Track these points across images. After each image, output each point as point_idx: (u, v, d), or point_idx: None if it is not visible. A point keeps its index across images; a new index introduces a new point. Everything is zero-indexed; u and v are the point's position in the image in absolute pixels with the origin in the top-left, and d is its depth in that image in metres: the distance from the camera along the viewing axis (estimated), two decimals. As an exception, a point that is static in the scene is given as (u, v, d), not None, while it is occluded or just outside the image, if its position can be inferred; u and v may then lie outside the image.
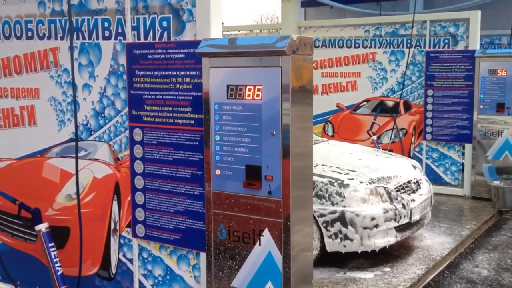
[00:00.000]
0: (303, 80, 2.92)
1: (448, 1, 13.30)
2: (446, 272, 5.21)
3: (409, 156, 7.99)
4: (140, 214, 3.64)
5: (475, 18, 7.35)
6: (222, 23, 3.43)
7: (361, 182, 5.03)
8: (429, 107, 7.84)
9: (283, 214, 2.95)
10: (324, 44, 8.62)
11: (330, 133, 8.69)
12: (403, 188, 5.34)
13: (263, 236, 3.03)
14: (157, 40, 3.44)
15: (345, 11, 14.45)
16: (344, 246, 4.88)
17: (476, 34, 7.40)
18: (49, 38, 3.94)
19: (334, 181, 4.98)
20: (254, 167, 3.00)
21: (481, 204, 7.33)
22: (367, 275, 4.91)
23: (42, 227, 3.86)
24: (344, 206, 4.86)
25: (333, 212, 4.86)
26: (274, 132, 2.90)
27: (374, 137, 8.09)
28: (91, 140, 3.86)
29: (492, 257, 5.57)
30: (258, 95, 2.94)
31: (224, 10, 3.35)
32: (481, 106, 7.37)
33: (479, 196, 7.53)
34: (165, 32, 3.41)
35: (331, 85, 8.70)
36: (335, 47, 8.56)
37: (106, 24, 3.67)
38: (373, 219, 4.85)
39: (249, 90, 2.96)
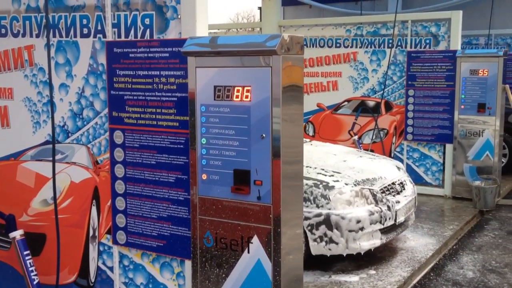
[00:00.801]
0: (294, 81, 2.81)
1: (426, 2, 13.36)
2: (432, 274, 5.16)
3: (390, 156, 7.96)
4: (121, 220, 3.48)
5: (457, 18, 7.34)
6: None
7: (346, 184, 4.95)
8: (410, 107, 7.81)
9: (273, 220, 2.83)
10: (305, 43, 8.49)
11: (311, 133, 8.61)
12: (387, 190, 5.27)
13: (252, 243, 2.91)
14: (139, 38, 3.28)
15: (324, 11, 14.42)
16: (329, 249, 4.79)
17: (457, 34, 7.39)
18: (23, 35, 3.74)
19: (319, 183, 4.89)
20: (243, 172, 2.87)
21: (462, 204, 7.33)
22: (352, 278, 4.83)
23: (17, 234, 3.67)
24: (330, 209, 4.77)
25: (318, 215, 4.76)
26: (264, 135, 2.78)
27: (355, 137, 8.03)
28: (68, 143, 3.69)
29: (477, 258, 5.55)
30: (247, 97, 2.81)
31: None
32: (462, 106, 7.36)
33: (460, 196, 7.53)
34: (148, 30, 3.25)
35: (312, 85, 8.62)
36: (316, 47, 8.48)
37: (84, 21, 3.50)
38: (358, 221, 4.77)
39: (238, 91, 2.83)
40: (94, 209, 3.62)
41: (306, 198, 4.82)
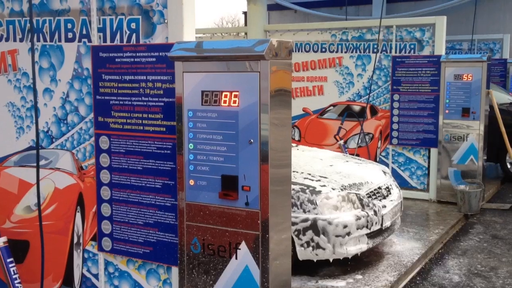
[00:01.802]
0: (282, 86, 2.79)
1: (409, 7, 13.48)
2: (418, 278, 5.17)
3: (375, 160, 7.98)
4: (106, 226, 3.44)
5: (441, 23, 7.39)
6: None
7: (333, 189, 4.94)
8: (395, 111, 7.85)
9: (261, 226, 2.81)
10: (290, 48, 8.52)
11: (296, 138, 8.61)
12: (374, 194, 5.28)
13: (239, 249, 2.88)
14: (124, 43, 3.25)
15: (309, 15, 14.48)
16: (316, 254, 4.78)
17: (441, 39, 7.44)
18: (7, 39, 3.69)
19: (306, 188, 4.88)
20: (231, 177, 2.85)
21: (446, 208, 7.37)
22: (340, 283, 4.82)
23: (0, 241, 3.60)
24: (316, 214, 4.76)
25: (305, 220, 4.75)
26: (252, 140, 2.76)
27: (341, 142, 8.05)
28: (52, 148, 3.63)
29: (462, 262, 5.58)
30: (235, 102, 2.79)
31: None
32: (447, 111, 7.41)
33: (445, 200, 7.57)
34: (134, 35, 3.22)
35: (297, 90, 8.63)
36: (301, 51, 8.49)
37: (69, 26, 3.45)
38: (345, 226, 4.77)
39: (225, 96, 2.81)
40: (78, 215, 3.57)
41: (293, 203, 4.81)
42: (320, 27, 8.54)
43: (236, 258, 2.89)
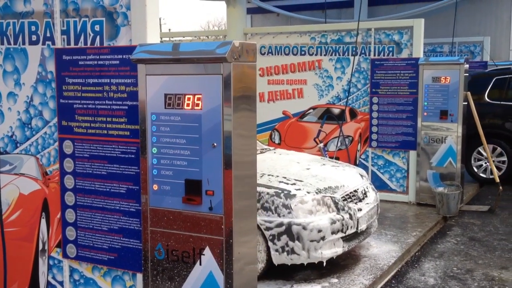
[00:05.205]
0: (246, 88, 2.75)
1: (391, 10, 13.53)
2: (393, 281, 5.15)
3: (355, 163, 7.97)
4: (71, 233, 3.37)
5: (419, 26, 7.41)
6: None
7: (308, 193, 4.90)
8: (375, 114, 7.85)
9: (225, 231, 2.77)
10: (270, 51, 8.51)
11: (277, 141, 8.58)
12: (350, 197, 5.25)
13: (203, 255, 2.84)
14: (88, 45, 3.19)
15: (291, 19, 14.49)
16: (291, 259, 4.74)
17: (419, 42, 7.45)
18: (-31, 42, 3.61)
19: (280, 192, 4.83)
20: (194, 182, 2.80)
21: (426, 210, 7.37)
22: (315, 287, 4.79)
23: (-38, 249, 3.53)
24: (291, 218, 4.71)
25: (280, 225, 4.71)
26: (215, 144, 2.72)
27: (321, 145, 8.03)
28: (17, 153, 3.56)
29: (438, 264, 5.57)
30: (198, 105, 2.75)
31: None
32: (425, 113, 7.42)
33: (424, 202, 7.58)
34: (98, 37, 3.17)
35: (277, 93, 8.60)
36: (281, 54, 8.46)
37: (33, 28, 3.39)
38: (320, 231, 4.73)
39: (188, 99, 2.76)
40: (43, 221, 3.49)
41: (268, 207, 4.77)
42: (300, 30, 8.52)
43: (200, 264, 2.85)
